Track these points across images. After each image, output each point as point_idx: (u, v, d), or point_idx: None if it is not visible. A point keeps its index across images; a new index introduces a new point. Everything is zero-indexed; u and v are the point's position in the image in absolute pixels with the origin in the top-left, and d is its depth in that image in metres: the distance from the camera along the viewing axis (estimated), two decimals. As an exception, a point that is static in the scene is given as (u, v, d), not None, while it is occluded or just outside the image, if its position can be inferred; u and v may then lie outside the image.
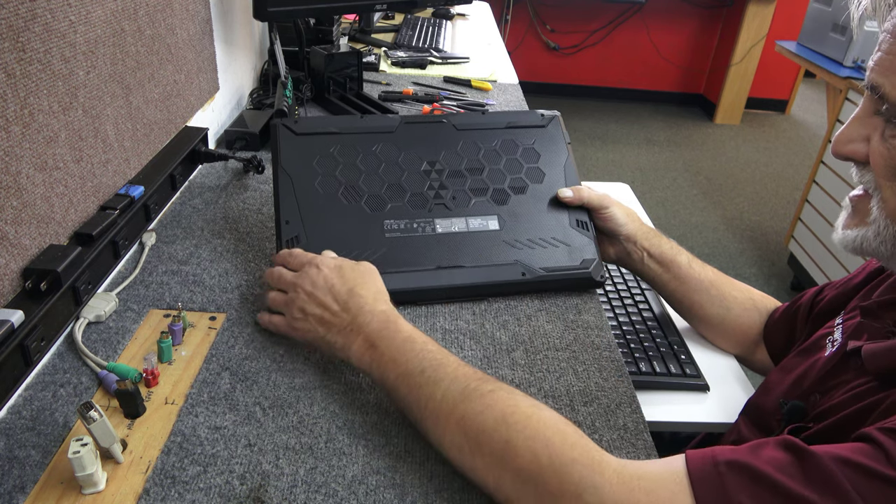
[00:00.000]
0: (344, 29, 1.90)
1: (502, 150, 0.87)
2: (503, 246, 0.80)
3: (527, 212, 0.84)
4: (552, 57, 4.67)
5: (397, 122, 0.86)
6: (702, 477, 0.49)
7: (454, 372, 0.58)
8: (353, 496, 0.54)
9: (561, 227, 0.84)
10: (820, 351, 0.71)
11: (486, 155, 0.86)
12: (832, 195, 2.31)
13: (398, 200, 0.80)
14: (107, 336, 0.69)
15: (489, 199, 0.83)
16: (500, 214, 0.82)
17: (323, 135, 0.82)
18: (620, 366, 0.72)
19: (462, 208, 0.81)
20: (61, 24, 0.66)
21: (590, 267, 0.82)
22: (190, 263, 0.82)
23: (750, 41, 4.26)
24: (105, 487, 0.53)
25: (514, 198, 0.84)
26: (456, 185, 0.83)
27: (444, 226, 0.80)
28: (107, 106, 0.77)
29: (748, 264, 2.82)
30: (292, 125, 0.82)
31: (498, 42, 2.11)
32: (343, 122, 0.85)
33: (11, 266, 0.62)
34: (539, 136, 0.90)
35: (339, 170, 0.81)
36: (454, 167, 0.84)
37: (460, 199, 0.82)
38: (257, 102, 1.34)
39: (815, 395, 0.66)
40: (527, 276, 0.80)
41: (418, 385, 0.58)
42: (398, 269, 0.75)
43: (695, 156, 3.96)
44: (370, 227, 0.78)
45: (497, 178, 0.85)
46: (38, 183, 0.64)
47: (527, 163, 0.87)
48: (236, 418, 0.61)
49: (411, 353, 0.60)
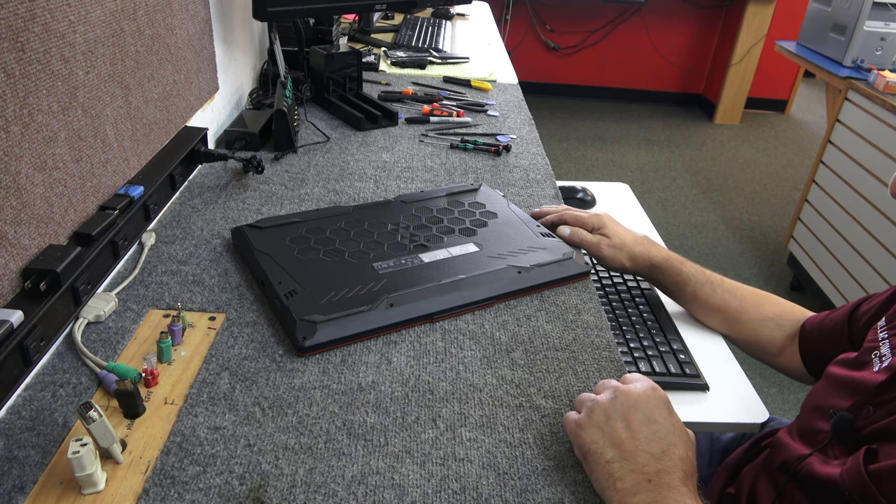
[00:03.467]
0: (343, 29, 1.90)
1: (450, 205, 0.97)
2: (489, 259, 0.84)
3: (496, 236, 0.90)
4: (552, 57, 4.67)
5: (350, 208, 0.93)
6: None
7: None
8: (352, 496, 0.54)
9: (530, 239, 0.90)
10: (867, 366, 0.70)
11: (439, 211, 0.95)
12: (832, 195, 2.31)
13: (379, 250, 0.84)
14: (106, 336, 0.69)
15: (459, 233, 0.90)
16: (475, 241, 0.88)
17: (287, 225, 0.87)
18: (620, 366, 0.72)
19: (438, 244, 0.87)
20: (61, 24, 0.66)
21: (572, 257, 0.87)
22: (190, 263, 0.82)
23: (750, 41, 4.26)
24: (105, 487, 0.53)
25: (479, 231, 0.91)
26: (425, 232, 0.89)
27: (430, 257, 0.84)
28: (106, 106, 0.77)
29: (748, 264, 2.82)
30: (255, 223, 0.87)
31: (497, 42, 2.11)
32: (300, 214, 0.91)
33: (11, 266, 0.62)
34: (477, 195, 1.01)
35: (313, 242, 0.84)
36: (417, 223, 0.91)
37: (434, 239, 0.88)
38: (257, 102, 1.34)
39: (867, 407, 0.65)
40: (522, 273, 0.82)
41: None
42: (403, 291, 0.76)
43: (694, 156, 3.96)
44: (362, 270, 0.80)
45: (457, 223, 0.93)
46: (38, 183, 0.64)
47: (477, 210, 0.97)
48: (236, 418, 0.61)
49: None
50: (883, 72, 2.10)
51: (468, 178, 1.13)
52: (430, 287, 0.77)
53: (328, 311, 0.71)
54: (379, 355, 0.70)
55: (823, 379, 0.77)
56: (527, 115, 1.45)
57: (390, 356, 0.70)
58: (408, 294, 0.76)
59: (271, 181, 1.05)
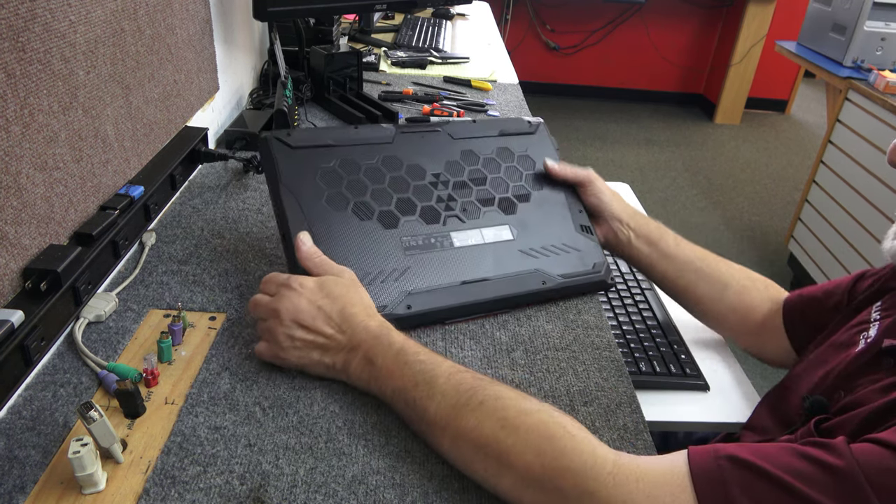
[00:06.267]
0: (344, 29, 1.90)
1: (499, 157, 0.87)
2: (519, 256, 0.80)
3: (535, 220, 0.84)
4: (552, 57, 4.67)
5: (392, 131, 0.83)
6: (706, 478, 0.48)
7: (444, 384, 0.58)
8: (352, 496, 0.54)
9: (568, 233, 0.85)
10: (851, 347, 0.69)
11: (485, 164, 0.86)
12: (832, 195, 2.31)
13: (410, 215, 0.78)
14: (107, 336, 0.69)
15: (497, 208, 0.83)
16: (511, 224, 0.82)
17: (319, 148, 0.78)
18: (620, 366, 0.72)
19: (474, 220, 0.81)
20: (61, 24, 0.66)
21: (601, 270, 0.83)
22: (190, 263, 0.82)
23: (750, 41, 4.26)
24: (105, 487, 0.53)
25: (520, 206, 0.84)
26: (464, 196, 0.82)
27: (461, 239, 0.78)
28: (107, 106, 0.77)
29: (748, 264, 2.79)
30: (286, 138, 0.76)
31: (498, 42, 2.11)
32: (337, 133, 0.81)
33: (11, 266, 0.62)
34: (530, 144, 0.90)
35: (344, 185, 0.76)
36: (458, 177, 0.83)
37: (471, 210, 0.81)
38: (257, 102, 1.34)
39: (839, 391, 0.64)
40: (547, 284, 0.79)
41: (413, 400, 0.59)
42: (424, 288, 0.73)
43: (695, 156, 3.96)
44: (388, 244, 0.75)
45: (500, 187, 0.85)
46: (38, 183, 0.64)
47: (524, 169, 0.88)
48: (236, 418, 0.61)
49: (405, 366, 0.61)
50: (883, 72, 2.09)
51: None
52: (451, 287, 0.74)
53: None
54: (379, 355, 0.70)
55: (801, 361, 0.76)
56: (527, 115, 1.45)
57: (391, 356, 0.70)
58: (427, 295, 0.73)
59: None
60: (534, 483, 0.52)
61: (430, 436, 0.58)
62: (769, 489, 0.47)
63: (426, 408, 0.58)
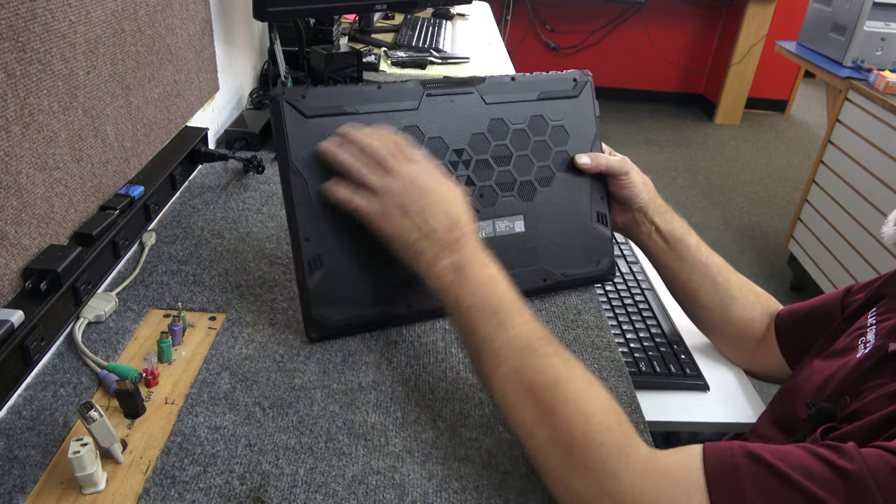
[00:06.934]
0: (344, 29, 1.90)
1: (531, 129, 0.80)
2: (526, 251, 0.79)
3: (551, 209, 0.80)
4: (552, 57, 4.67)
5: (420, 94, 0.74)
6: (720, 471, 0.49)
7: (524, 325, 0.59)
8: (353, 496, 0.54)
9: (582, 223, 0.82)
10: (851, 353, 0.69)
11: (513, 137, 0.79)
12: (832, 195, 2.31)
13: None
14: (107, 336, 0.69)
15: (516, 194, 0.79)
16: (526, 214, 0.79)
17: (337, 117, 0.70)
18: (620, 366, 0.72)
19: (489, 208, 0.77)
20: (61, 24, 0.66)
21: (605, 267, 0.83)
22: (190, 263, 0.82)
23: (750, 41, 4.26)
24: (105, 487, 0.53)
25: (539, 191, 0.80)
26: (483, 180, 0.77)
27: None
28: (107, 106, 0.77)
29: (748, 264, 2.82)
30: (299, 103, 0.68)
31: (498, 42, 2.11)
32: (358, 95, 0.72)
33: (11, 266, 0.62)
34: (569, 111, 0.83)
35: None
36: (481, 155, 0.77)
37: (487, 196, 0.77)
38: (257, 102, 1.34)
39: (844, 397, 0.64)
40: (548, 282, 0.79)
41: (488, 322, 0.59)
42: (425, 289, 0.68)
43: (695, 156, 3.96)
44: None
45: (524, 169, 0.79)
46: (38, 183, 0.64)
47: (555, 146, 0.81)
48: (236, 418, 0.61)
49: (495, 291, 0.61)
50: (883, 72, 2.09)
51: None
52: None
53: (346, 305, 0.70)
54: (379, 355, 0.70)
55: (802, 368, 0.76)
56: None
57: (390, 356, 0.70)
58: (429, 297, 0.68)
59: (272, 181, 1.05)
60: (566, 445, 0.52)
61: (484, 363, 0.58)
62: (781, 487, 0.47)
63: (497, 335, 0.58)
